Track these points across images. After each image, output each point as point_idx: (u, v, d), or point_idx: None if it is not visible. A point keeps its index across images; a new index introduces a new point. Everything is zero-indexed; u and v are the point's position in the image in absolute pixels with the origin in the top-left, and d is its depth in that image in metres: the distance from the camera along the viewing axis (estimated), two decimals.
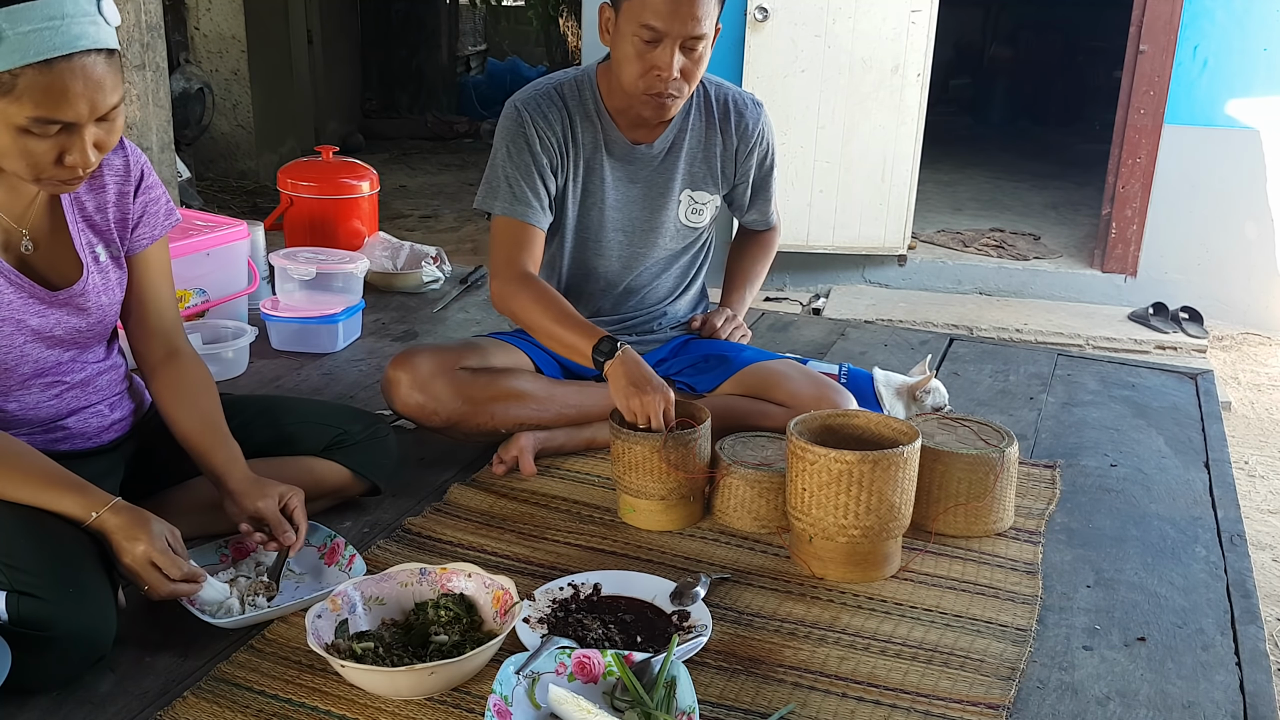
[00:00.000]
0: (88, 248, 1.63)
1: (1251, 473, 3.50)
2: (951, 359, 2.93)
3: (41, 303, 1.57)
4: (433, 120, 9.26)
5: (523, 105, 2.10)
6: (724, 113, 2.20)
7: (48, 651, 1.36)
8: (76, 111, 1.39)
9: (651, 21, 1.92)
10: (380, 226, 3.58)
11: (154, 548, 1.45)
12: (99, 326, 1.67)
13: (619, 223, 2.20)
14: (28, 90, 1.35)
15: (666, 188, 2.20)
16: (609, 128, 2.13)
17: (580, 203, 2.17)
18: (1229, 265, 4.87)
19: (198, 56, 6.76)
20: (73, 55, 1.37)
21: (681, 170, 2.19)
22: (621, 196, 2.18)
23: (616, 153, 2.15)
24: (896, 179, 4.89)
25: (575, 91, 2.13)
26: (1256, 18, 4.60)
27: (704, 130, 2.19)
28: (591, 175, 2.16)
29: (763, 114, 2.24)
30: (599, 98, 2.13)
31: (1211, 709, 1.48)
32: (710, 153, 2.21)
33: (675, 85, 1.98)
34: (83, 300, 1.62)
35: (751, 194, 2.32)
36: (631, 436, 1.88)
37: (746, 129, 2.21)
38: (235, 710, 1.39)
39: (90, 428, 1.71)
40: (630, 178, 2.18)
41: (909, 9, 4.68)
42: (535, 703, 1.37)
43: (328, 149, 3.48)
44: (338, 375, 2.66)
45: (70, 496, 1.46)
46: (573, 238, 2.21)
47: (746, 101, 2.22)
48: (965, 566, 1.82)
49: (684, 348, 2.33)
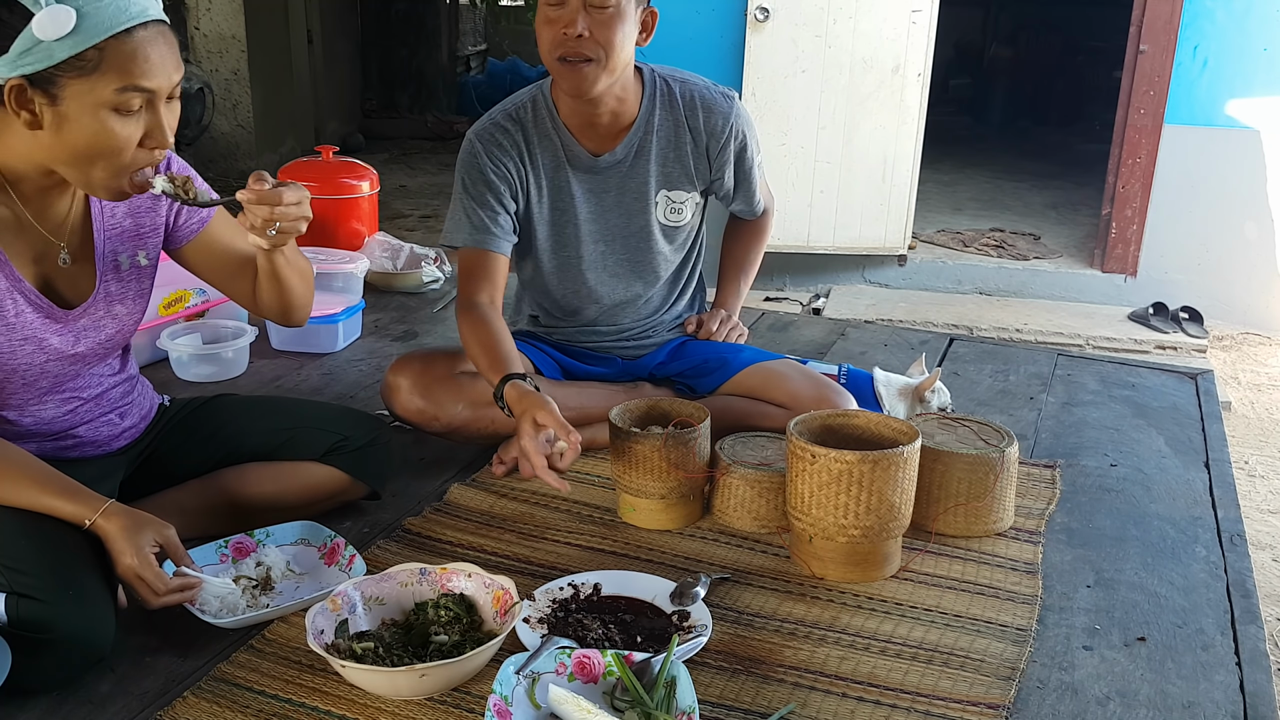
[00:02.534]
0: (109, 257, 1.62)
1: (1251, 473, 3.50)
2: (951, 359, 2.93)
3: (58, 322, 1.57)
4: (433, 120, 9.26)
5: (475, 136, 2.10)
6: (690, 109, 2.13)
7: (47, 653, 1.36)
8: (158, 78, 1.41)
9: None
10: (380, 226, 3.58)
11: (137, 562, 1.44)
12: (119, 335, 1.66)
13: (597, 234, 2.17)
14: (113, 61, 1.37)
15: (640, 192, 2.16)
16: (569, 142, 2.10)
17: (551, 221, 2.15)
18: (1229, 265, 4.87)
19: (198, 56, 6.76)
20: (147, 23, 1.40)
21: (654, 172, 2.15)
22: (595, 207, 2.16)
23: (581, 165, 2.12)
24: (897, 179, 4.89)
25: (530, 111, 2.10)
26: (1256, 18, 4.60)
27: (672, 129, 2.14)
28: (559, 192, 2.13)
29: (734, 106, 2.15)
30: (555, 112, 2.09)
31: (1211, 709, 1.48)
32: (681, 151, 2.15)
33: (588, 47, 1.92)
34: (95, 311, 1.61)
35: (735, 186, 2.26)
36: (632, 436, 1.88)
37: (716, 126, 2.14)
38: (235, 710, 1.39)
39: (101, 436, 1.71)
40: (600, 188, 2.15)
41: (909, 9, 4.68)
42: (535, 703, 1.37)
43: (328, 149, 3.48)
44: (338, 375, 2.66)
45: (63, 501, 1.46)
46: (551, 257, 2.19)
47: (715, 96, 2.14)
48: (965, 566, 1.82)
49: (682, 349, 2.32)
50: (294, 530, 1.77)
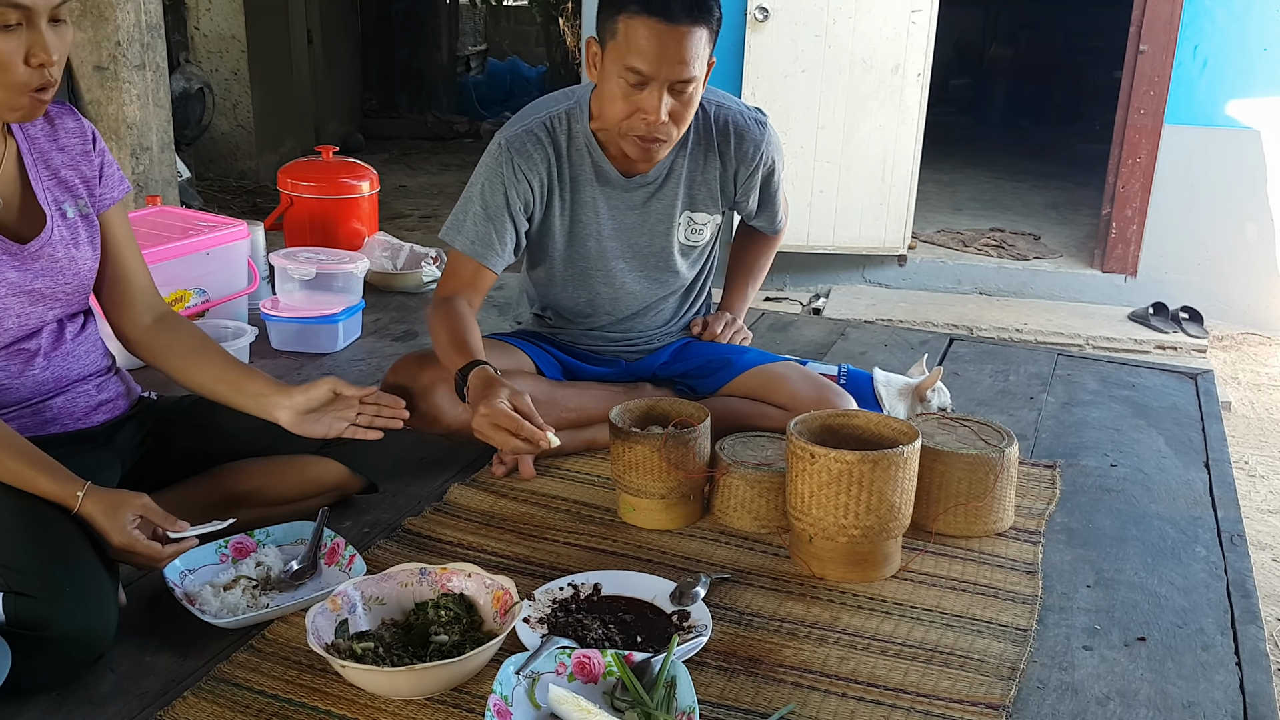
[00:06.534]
0: (53, 204, 1.66)
1: (1251, 473, 3.50)
2: (951, 359, 2.93)
3: (14, 257, 1.60)
4: (433, 120, 9.25)
5: (506, 143, 2.04)
6: (723, 135, 2.11)
7: (47, 651, 1.36)
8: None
9: (637, 64, 1.84)
10: (380, 226, 3.58)
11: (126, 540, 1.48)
12: (76, 281, 1.68)
13: (616, 250, 2.16)
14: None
15: (665, 214, 2.15)
16: (600, 160, 2.07)
17: (570, 233, 2.13)
18: (1229, 265, 4.87)
19: (198, 56, 6.76)
20: None
21: (680, 194, 2.14)
22: (618, 225, 2.14)
23: (609, 182, 2.10)
24: (896, 179, 4.90)
25: (565, 123, 2.06)
26: (1256, 18, 4.60)
27: (703, 154, 2.12)
28: (583, 207, 2.11)
29: (766, 133, 2.14)
30: (590, 131, 2.05)
31: (1211, 709, 1.48)
32: (709, 175, 2.14)
33: (663, 129, 1.90)
34: (52, 251, 1.64)
35: (758, 206, 2.27)
36: (632, 436, 1.88)
37: (747, 153, 2.12)
38: (235, 710, 1.39)
39: (78, 407, 1.72)
40: (626, 205, 2.13)
41: (909, 9, 4.68)
42: (535, 703, 1.37)
43: (328, 149, 3.48)
44: (337, 375, 2.64)
45: (46, 478, 1.48)
46: (565, 266, 2.17)
47: (748, 122, 2.12)
48: (965, 566, 1.82)
49: (685, 350, 2.32)
50: (294, 530, 1.77)
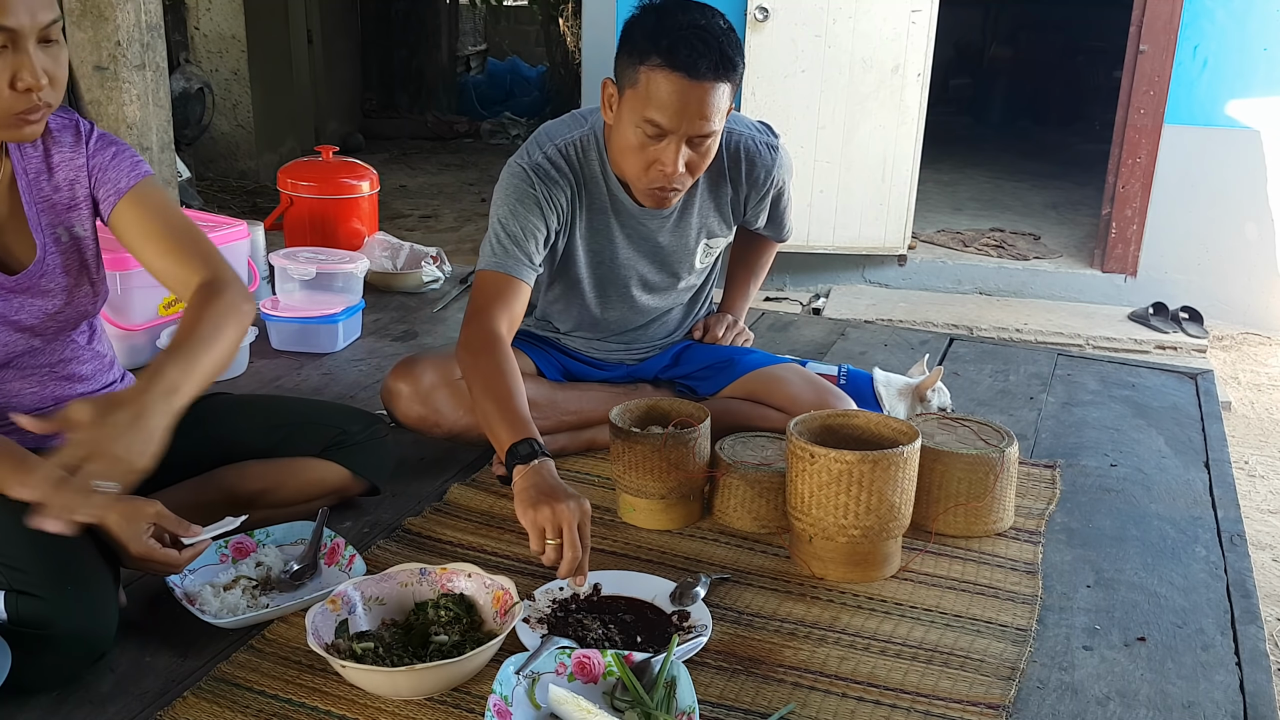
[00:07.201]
0: (47, 229, 1.62)
1: (1251, 473, 3.50)
2: (951, 359, 2.93)
3: (3, 289, 1.57)
4: (433, 120, 9.25)
5: (528, 166, 1.96)
6: (734, 161, 2.07)
7: (48, 650, 1.36)
8: (18, 17, 1.39)
9: (657, 118, 1.79)
10: (380, 226, 3.58)
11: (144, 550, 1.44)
12: (69, 309, 1.65)
13: (635, 279, 2.14)
14: None
15: (680, 245, 2.12)
16: (616, 190, 2.02)
17: (588, 261, 2.10)
18: (1229, 265, 4.87)
19: (198, 56, 6.76)
20: None
21: (695, 225, 2.11)
22: (632, 253, 2.11)
23: (625, 213, 2.05)
24: (896, 179, 4.90)
25: (580, 152, 2.00)
26: (1256, 18, 4.60)
27: (715, 181, 2.09)
28: (597, 235, 2.07)
29: (778, 158, 2.10)
30: (606, 162, 2.00)
31: (1211, 709, 1.48)
32: (721, 200, 2.12)
33: (679, 180, 1.87)
34: (44, 282, 1.60)
35: (767, 221, 2.26)
36: (632, 436, 1.88)
37: (758, 179, 2.10)
38: (235, 710, 1.39)
39: None
40: (642, 235, 2.09)
41: (909, 9, 4.68)
42: (535, 703, 1.37)
43: (328, 149, 3.48)
44: (338, 375, 2.66)
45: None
46: (578, 291, 2.13)
47: (759, 147, 2.08)
48: (965, 566, 1.82)
49: (686, 352, 2.32)
50: (294, 530, 1.77)
